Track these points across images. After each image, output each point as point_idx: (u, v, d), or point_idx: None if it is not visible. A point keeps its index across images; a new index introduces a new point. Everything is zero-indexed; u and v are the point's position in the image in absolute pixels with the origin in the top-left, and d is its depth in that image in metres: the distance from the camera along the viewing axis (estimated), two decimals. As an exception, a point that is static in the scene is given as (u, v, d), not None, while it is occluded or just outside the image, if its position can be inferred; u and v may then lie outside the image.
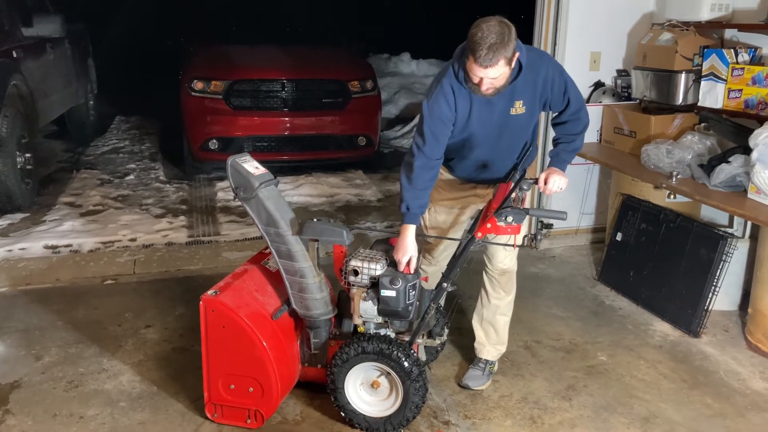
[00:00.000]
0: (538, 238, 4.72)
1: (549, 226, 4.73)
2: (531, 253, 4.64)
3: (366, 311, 2.71)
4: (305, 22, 7.57)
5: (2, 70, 5.20)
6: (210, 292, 2.62)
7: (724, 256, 3.48)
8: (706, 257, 3.55)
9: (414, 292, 2.64)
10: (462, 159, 2.89)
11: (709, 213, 4.05)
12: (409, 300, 2.62)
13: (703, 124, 4.04)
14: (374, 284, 2.66)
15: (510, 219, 2.52)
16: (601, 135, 4.53)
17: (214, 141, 6.05)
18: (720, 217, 4.02)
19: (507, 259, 2.99)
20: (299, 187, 6.02)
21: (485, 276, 3.08)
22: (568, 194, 4.37)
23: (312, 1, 7.79)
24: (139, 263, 4.44)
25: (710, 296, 3.52)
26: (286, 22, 7.45)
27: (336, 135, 6.36)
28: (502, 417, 2.87)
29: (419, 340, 2.80)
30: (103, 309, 3.79)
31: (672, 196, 3.91)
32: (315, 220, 2.70)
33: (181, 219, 5.31)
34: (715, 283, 3.50)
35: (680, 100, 4.09)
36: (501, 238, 2.83)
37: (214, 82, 6.07)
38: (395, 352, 2.58)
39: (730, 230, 3.68)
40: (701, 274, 3.55)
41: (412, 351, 2.64)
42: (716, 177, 3.47)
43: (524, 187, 2.79)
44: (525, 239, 4.57)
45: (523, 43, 2.61)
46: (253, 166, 2.68)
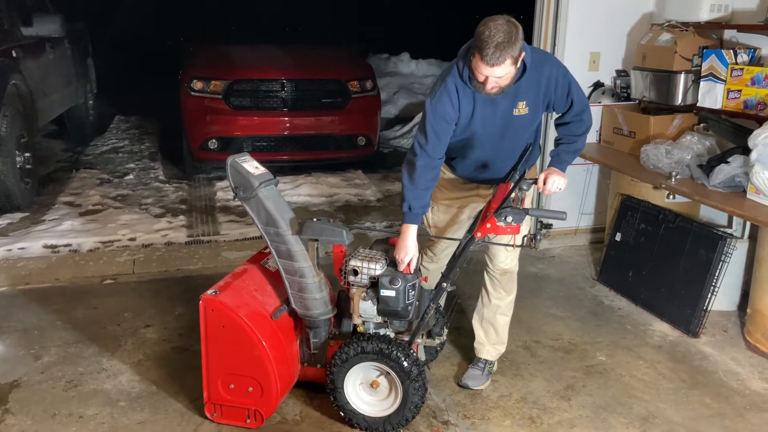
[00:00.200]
0: (538, 238, 4.72)
1: (548, 226, 4.73)
2: (530, 253, 4.64)
3: (365, 311, 2.71)
4: (305, 21, 7.57)
5: (2, 69, 5.20)
6: (210, 291, 2.63)
7: (723, 256, 3.49)
8: (705, 257, 3.55)
9: (413, 292, 2.65)
10: (464, 158, 2.89)
11: (708, 213, 4.05)
12: (408, 300, 2.62)
13: (702, 125, 4.05)
14: (374, 284, 2.66)
15: (510, 219, 2.52)
16: (600, 135, 4.54)
17: (214, 141, 6.05)
18: (719, 218, 4.02)
19: (508, 260, 3.00)
20: (299, 186, 6.02)
21: (486, 276, 3.08)
22: (568, 194, 4.37)
23: (312, 1, 7.79)
24: (139, 263, 4.44)
25: (709, 296, 3.52)
26: (286, 22, 7.46)
27: (335, 135, 6.36)
28: (501, 417, 2.87)
29: (419, 340, 2.80)
30: (103, 309, 3.79)
31: (671, 197, 3.91)
32: (314, 219, 2.70)
33: (181, 219, 5.31)
34: (714, 284, 3.51)
35: (679, 100, 4.10)
36: (502, 239, 2.83)
37: (214, 81, 6.07)
38: (395, 352, 2.59)
39: (729, 230, 3.68)
40: (700, 274, 3.55)
41: (411, 351, 2.64)
42: (715, 177, 3.48)
43: (524, 188, 2.79)
44: (525, 239, 4.57)
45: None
46: (252, 166, 2.68)
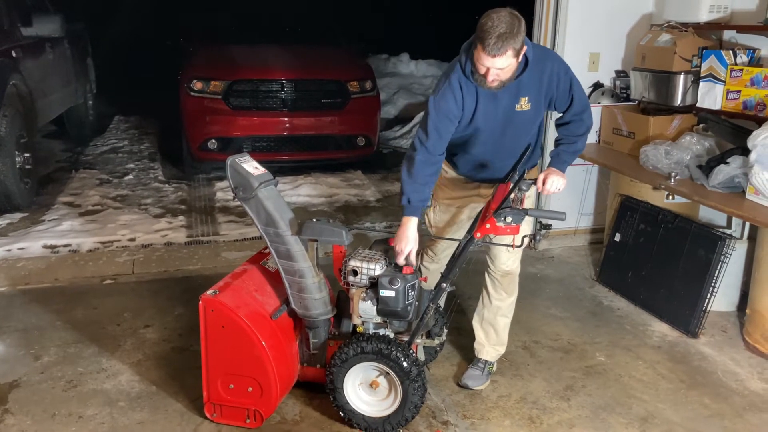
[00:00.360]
0: (537, 238, 4.71)
1: (548, 226, 4.73)
2: (530, 254, 4.64)
3: (365, 311, 2.71)
4: (305, 22, 7.57)
5: (1, 69, 5.20)
6: (209, 291, 2.63)
7: (723, 256, 3.49)
8: (704, 258, 3.55)
9: (413, 293, 2.65)
10: (465, 154, 2.90)
11: (707, 214, 4.05)
12: (408, 300, 2.62)
13: (701, 125, 4.05)
14: (373, 284, 2.66)
15: (509, 219, 2.52)
16: (599, 136, 4.54)
17: (213, 141, 6.06)
18: (718, 218, 4.03)
19: (510, 261, 3.00)
20: (298, 187, 6.02)
21: (487, 277, 3.08)
22: (567, 195, 4.37)
23: (312, 1, 7.79)
24: (138, 263, 4.44)
25: (708, 297, 3.52)
26: (286, 22, 7.46)
27: (335, 135, 6.36)
28: (500, 417, 2.88)
29: (418, 340, 2.80)
30: (102, 309, 3.79)
31: (670, 197, 3.91)
32: (314, 220, 2.71)
33: (180, 219, 5.31)
34: (713, 284, 3.51)
35: (679, 101, 4.10)
36: (502, 239, 2.83)
37: (214, 82, 6.07)
38: (394, 352, 2.59)
39: (728, 231, 3.69)
40: (699, 274, 3.55)
41: (411, 351, 2.64)
42: (715, 178, 3.48)
43: (523, 188, 2.79)
44: (525, 239, 4.55)
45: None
46: (252, 166, 2.68)
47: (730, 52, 3.83)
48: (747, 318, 3.51)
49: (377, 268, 2.65)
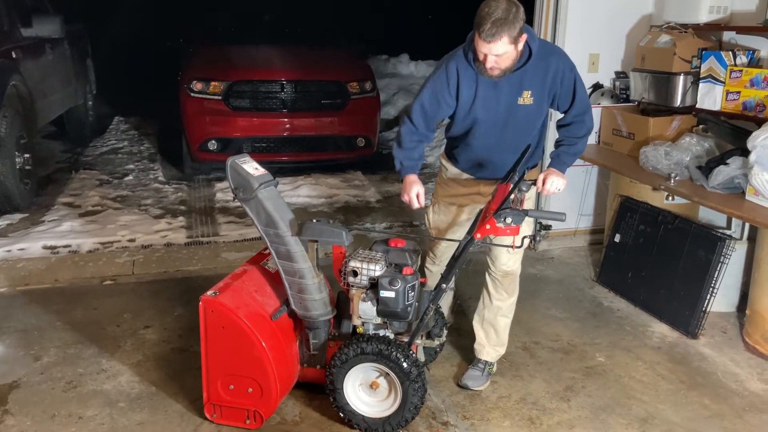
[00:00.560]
0: (537, 239, 4.71)
1: (548, 227, 4.74)
2: (529, 255, 4.64)
3: (365, 312, 2.71)
4: (304, 23, 7.57)
5: (1, 70, 5.20)
6: (209, 292, 2.63)
7: (722, 257, 3.49)
8: (704, 259, 3.55)
9: (413, 293, 2.65)
10: (466, 147, 2.91)
11: (707, 215, 4.06)
12: (408, 301, 2.63)
13: (701, 126, 4.05)
14: (373, 285, 2.66)
15: (509, 220, 2.52)
16: (599, 136, 4.54)
17: (213, 142, 6.05)
18: (718, 219, 4.03)
19: (510, 261, 3.00)
20: (298, 187, 6.02)
21: (488, 277, 3.08)
22: (567, 196, 4.37)
23: (311, 1, 7.79)
24: (138, 264, 4.44)
25: (708, 298, 3.52)
26: (286, 23, 7.46)
27: (335, 136, 6.36)
28: (500, 418, 2.88)
29: (418, 341, 2.80)
30: (102, 309, 3.79)
31: (670, 198, 3.91)
32: (314, 220, 2.70)
33: (180, 220, 5.31)
34: (713, 285, 3.51)
35: (678, 102, 4.11)
36: (502, 240, 2.83)
37: (214, 82, 6.07)
38: (394, 353, 2.59)
39: (728, 232, 3.69)
40: (699, 275, 3.55)
41: (410, 352, 2.64)
42: (714, 179, 3.48)
43: (523, 189, 2.79)
44: (525, 240, 4.54)
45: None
46: (252, 167, 2.68)
47: (730, 53, 3.83)
48: (747, 319, 3.51)
49: (377, 269, 2.65)
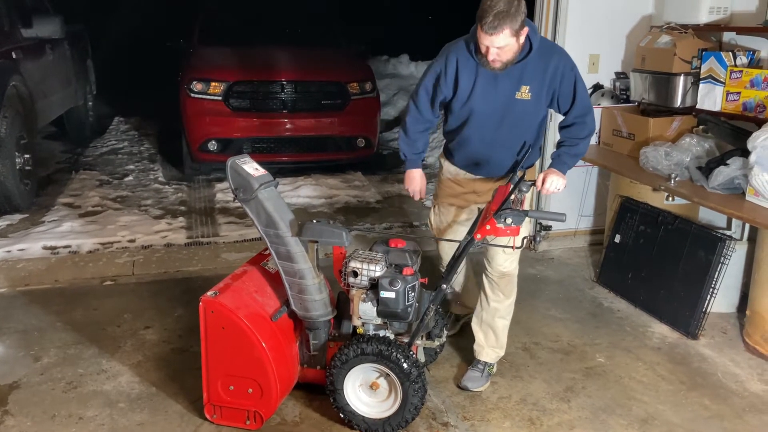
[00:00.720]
0: (537, 239, 4.72)
1: (548, 227, 4.74)
2: (529, 255, 4.65)
3: (365, 312, 2.71)
4: (304, 23, 7.57)
5: (2, 71, 5.20)
6: (209, 293, 2.63)
7: (723, 258, 3.49)
8: (704, 259, 3.55)
9: (413, 294, 2.65)
10: (463, 141, 2.93)
11: (707, 215, 4.06)
12: (408, 301, 2.63)
13: (701, 127, 4.06)
14: (373, 285, 2.66)
15: (509, 221, 2.52)
16: (599, 137, 4.55)
17: (214, 142, 6.06)
18: (718, 220, 4.03)
19: (507, 262, 3.00)
20: (298, 188, 6.02)
21: (485, 278, 3.08)
22: (567, 196, 4.37)
23: (311, 2, 7.79)
24: (138, 264, 4.44)
25: (708, 298, 3.53)
26: (286, 24, 7.46)
27: (335, 136, 6.36)
28: (500, 418, 2.88)
29: (418, 342, 2.80)
30: (102, 310, 3.79)
31: (670, 198, 3.91)
32: (314, 221, 2.70)
33: (180, 220, 5.31)
34: (713, 285, 3.51)
35: (678, 102, 4.11)
36: (501, 240, 2.84)
37: (214, 83, 6.07)
38: (394, 354, 2.59)
39: (728, 232, 3.69)
40: (699, 276, 3.55)
41: (411, 352, 2.64)
42: (714, 179, 3.48)
43: (523, 189, 2.80)
44: (524, 241, 4.53)
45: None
46: (252, 168, 2.68)
47: (730, 53, 3.83)
48: (747, 319, 3.51)
49: (377, 270, 2.65)
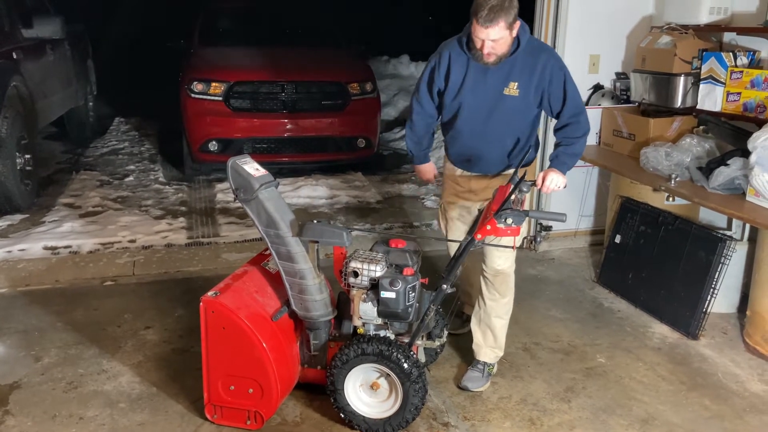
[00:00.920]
0: (537, 240, 4.73)
1: (548, 228, 4.74)
2: (530, 255, 4.65)
3: (366, 313, 2.72)
4: (305, 23, 7.57)
5: (2, 71, 5.21)
6: (210, 293, 2.63)
7: (723, 258, 3.49)
8: (704, 260, 3.56)
9: (414, 294, 2.65)
10: (455, 134, 2.99)
11: (707, 215, 4.06)
12: (408, 302, 2.63)
13: (701, 127, 4.06)
14: (374, 286, 2.67)
15: (510, 221, 2.53)
16: (600, 137, 4.55)
17: (214, 142, 6.06)
18: (718, 220, 4.03)
19: (501, 260, 3.00)
20: (299, 188, 6.02)
21: (481, 278, 3.09)
22: (567, 196, 4.38)
23: (312, 2, 7.80)
24: (139, 264, 4.44)
25: (709, 298, 3.53)
26: (286, 24, 7.46)
27: (335, 137, 6.36)
28: (501, 418, 2.88)
29: (418, 342, 2.80)
30: (103, 310, 3.79)
31: (671, 199, 3.91)
32: (315, 221, 2.71)
33: (181, 220, 5.31)
34: (713, 286, 3.51)
35: (679, 102, 4.11)
36: (501, 240, 2.84)
37: (214, 83, 6.07)
38: (395, 354, 2.59)
39: (728, 233, 3.69)
40: (700, 276, 3.55)
41: (411, 352, 2.64)
42: (715, 180, 3.48)
43: (523, 189, 2.80)
44: (524, 241, 4.55)
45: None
46: (253, 168, 2.69)
47: (731, 54, 3.83)
48: (747, 320, 3.51)
49: (378, 270, 2.66)
